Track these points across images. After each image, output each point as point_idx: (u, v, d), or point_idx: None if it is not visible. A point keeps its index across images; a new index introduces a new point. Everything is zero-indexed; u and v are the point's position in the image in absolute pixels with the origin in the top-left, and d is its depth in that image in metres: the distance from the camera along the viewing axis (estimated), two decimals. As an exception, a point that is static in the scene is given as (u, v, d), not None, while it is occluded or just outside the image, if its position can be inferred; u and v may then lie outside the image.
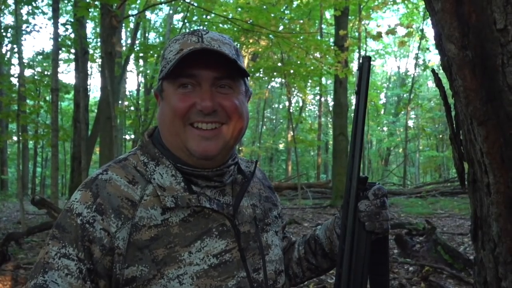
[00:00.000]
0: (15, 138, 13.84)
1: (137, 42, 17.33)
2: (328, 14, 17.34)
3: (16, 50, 11.35)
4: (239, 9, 11.62)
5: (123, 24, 14.92)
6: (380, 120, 28.03)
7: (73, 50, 10.90)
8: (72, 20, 10.80)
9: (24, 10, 11.66)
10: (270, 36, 9.72)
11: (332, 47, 10.17)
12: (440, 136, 25.01)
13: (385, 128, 29.39)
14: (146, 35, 20.79)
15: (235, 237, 0.99)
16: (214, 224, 0.97)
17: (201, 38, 0.98)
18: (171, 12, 15.95)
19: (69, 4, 14.58)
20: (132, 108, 16.23)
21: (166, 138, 1.01)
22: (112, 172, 0.97)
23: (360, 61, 0.97)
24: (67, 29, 11.01)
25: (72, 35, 9.99)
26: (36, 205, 7.77)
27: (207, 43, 0.96)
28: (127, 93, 19.53)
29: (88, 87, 14.94)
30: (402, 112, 24.38)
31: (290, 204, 11.67)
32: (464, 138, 1.41)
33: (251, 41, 12.16)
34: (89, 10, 7.05)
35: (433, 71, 1.62)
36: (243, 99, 1.03)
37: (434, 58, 28.40)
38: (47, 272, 0.86)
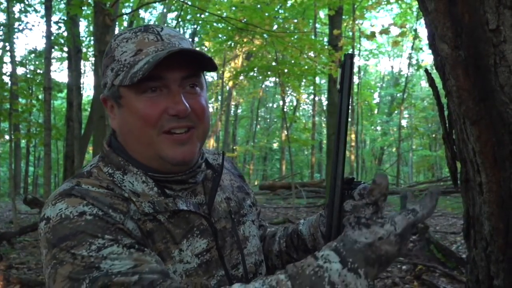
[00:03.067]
0: (7, 137, 13.71)
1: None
2: (322, 14, 17.36)
3: (8, 48, 11.24)
4: (233, 8, 11.60)
5: (117, 23, 14.88)
6: (374, 120, 28.13)
7: (66, 49, 10.81)
8: (65, 18, 10.73)
9: (17, 8, 11.56)
10: (265, 35, 9.72)
11: (326, 47, 10.19)
12: (433, 135, 25.11)
13: (378, 128, 29.49)
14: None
15: (213, 236, 0.98)
16: (195, 223, 0.96)
17: (160, 36, 0.92)
18: (165, 11, 15.93)
19: (62, 2, 14.49)
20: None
21: (134, 148, 0.95)
22: (85, 183, 0.89)
23: (343, 58, 0.95)
24: (60, 27, 10.92)
25: (65, 34, 9.92)
26: (29, 205, 7.73)
27: (168, 41, 0.92)
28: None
29: (81, 85, 14.86)
30: (396, 112, 24.47)
31: (284, 203, 11.68)
32: (457, 137, 1.42)
33: (245, 40, 12.15)
34: (82, 8, 7.01)
35: (426, 70, 1.63)
36: (206, 96, 0.99)
37: (427, 58, 28.51)
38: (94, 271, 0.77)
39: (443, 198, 10.66)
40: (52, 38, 8.87)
